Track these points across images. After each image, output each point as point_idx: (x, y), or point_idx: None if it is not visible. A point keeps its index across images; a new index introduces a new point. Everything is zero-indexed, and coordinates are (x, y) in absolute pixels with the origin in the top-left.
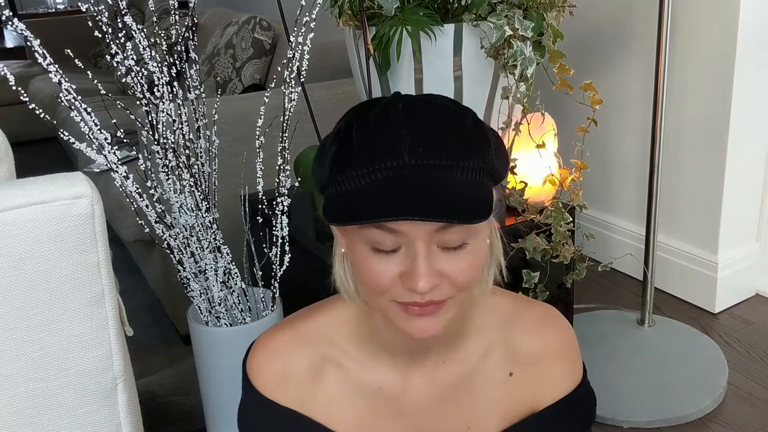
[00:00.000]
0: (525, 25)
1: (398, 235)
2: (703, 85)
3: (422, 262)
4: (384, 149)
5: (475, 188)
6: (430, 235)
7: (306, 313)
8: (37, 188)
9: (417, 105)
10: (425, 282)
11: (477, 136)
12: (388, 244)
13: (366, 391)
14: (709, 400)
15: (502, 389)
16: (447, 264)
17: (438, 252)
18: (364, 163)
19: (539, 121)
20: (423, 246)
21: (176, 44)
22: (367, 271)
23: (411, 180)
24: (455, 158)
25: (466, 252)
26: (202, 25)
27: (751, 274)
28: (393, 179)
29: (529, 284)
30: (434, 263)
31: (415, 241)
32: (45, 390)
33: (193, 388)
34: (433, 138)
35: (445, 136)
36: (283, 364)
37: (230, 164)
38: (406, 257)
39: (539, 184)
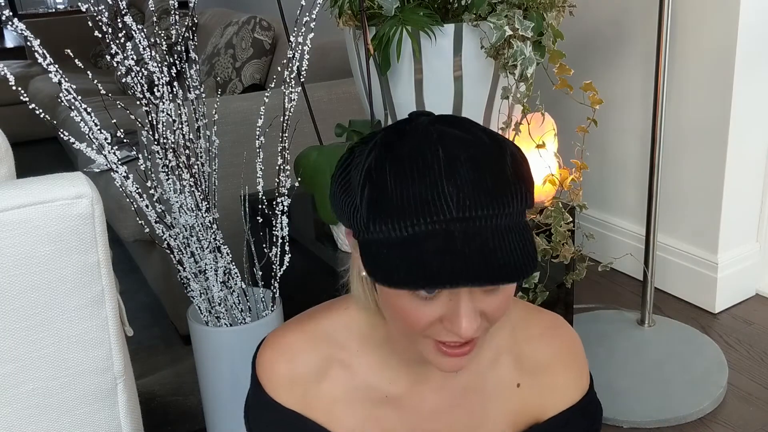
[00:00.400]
0: (525, 25)
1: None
2: (703, 85)
3: (467, 309)
4: (427, 201)
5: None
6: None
7: (317, 312)
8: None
9: (455, 147)
10: (469, 327)
11: (516, 176)
12: (430, 293)
13: (372, 395)
14: (709, 400)
15: (510, 398)
16: (487, 304)
17: (480, 293)
18: (408, 215)
19: (539, 121)
20: (467, 293)
21: (176, 44)
22: (404, 312)
23: (459, 241)
24: (499, 206)
25: (504, 292)
26: (202, 25)
27: (751, 274)
28: (440, 235)
29: (529, 284)
30: (476, 305)
31: (459, 292)
32: (45, 390)
33: (193, 388)
34: (475, 187)
35: (487, 184)
36: (290, 365)
37: (230, 164)
38: (448, 301)
39: (539, 184)
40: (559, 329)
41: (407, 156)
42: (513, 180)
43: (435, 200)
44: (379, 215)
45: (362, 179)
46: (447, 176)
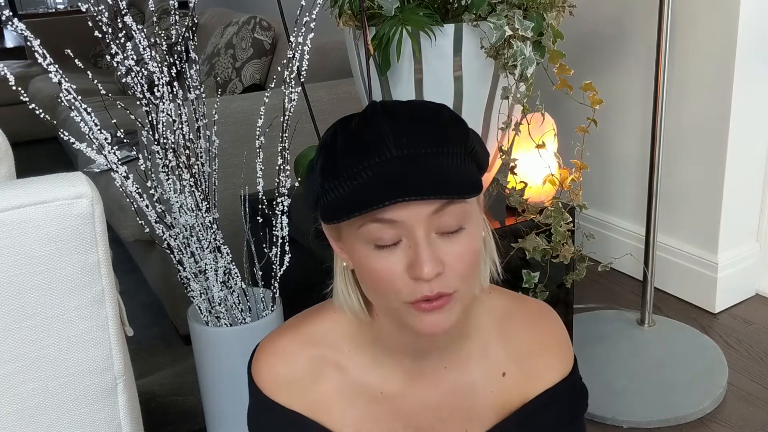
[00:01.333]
0: (525, 25)
1: (397, 226)
2: (704, 84)
3: (424, 249)
4: (370, 148)
5: (461, 169)
6: (427, 221)
7: (308, 315)
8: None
9: (394, 105)
10: (430, 267)
11: (454, 126)
12: (388, 237)
13: (367, 393)
14: (709, 400)
15: (497, 388)
16: (447, 250)
17: (437, 239)
18: (353, 164)
19: (539, 121)
20: (422, 233)
21: (176, 44)
22: (373, 271)
23: (401, 168)
24: (438, 145)
25: (463, 237)
26: (202, 25)
27: (751, 274)
28: (383, 172)
29: (529, 284)
30: (435, 250)
31: (414, 230)
32: (45, 390)
33: (193, 388)
34: (414, 131)
35: (425, 128)
36: (286, 367)
37: (230, 164)
38: (408, 249)
39: (539, 184)
40: (542, 315)
41: (354, 122)
42: (450, 127)
43: (376, 143)
44: (329, 174)
45: (318, 155)
46: (386, 122)
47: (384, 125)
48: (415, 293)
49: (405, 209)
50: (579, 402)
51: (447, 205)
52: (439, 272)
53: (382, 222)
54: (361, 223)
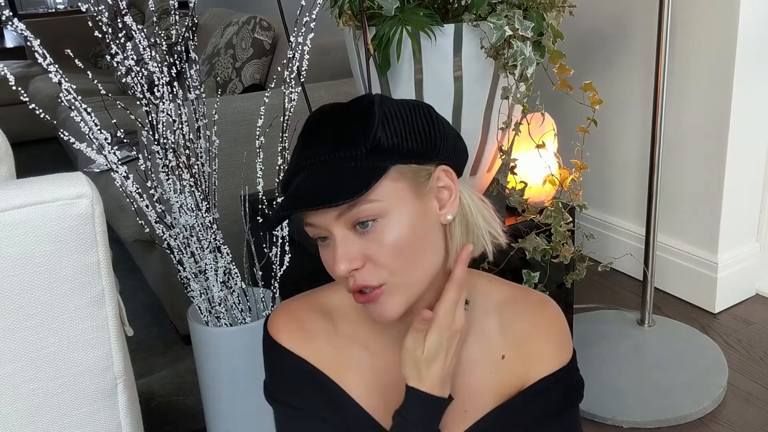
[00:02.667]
0: (525, 25)
1: (317, 227)
2: (703, 84)
3: (336, 246)
4: (294, 156)
5: (354, 173)
6: (338, 221)
7: (319, 289)
8: (37, 188)
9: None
10: (341, 265)
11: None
12: (321, 234)
13: (373, 363)
14: (709, 400)
15: (496, 372)
16: (364, 246)
17: (354, 236)
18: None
19: (539, 121)
20: (336, 232)
21: (176, 44)
22: (323, 262)
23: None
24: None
25: (379, 231)
26: (202, 25)
27: (751, 274)
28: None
29: (529, 284)
30: (350, 247)
31: (330, 230)
32: (45, 390)
33: (193, 388)
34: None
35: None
36: (300, 325)
37: (230, 164)
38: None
39: (539, 184)
40: (543, 305)
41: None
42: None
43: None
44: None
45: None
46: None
47: (301, 135)
48: (344, 283)
49: (314, 215)
50: (576, 391)
51: (348, 209)
52: (355, 268)
53: (308, 225)
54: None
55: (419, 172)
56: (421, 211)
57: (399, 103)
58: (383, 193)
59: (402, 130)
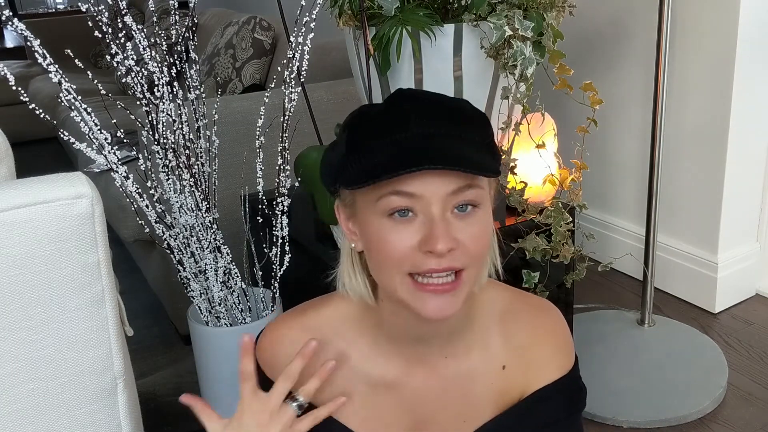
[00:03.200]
0: (525, 25)
1: (415, 200)
2: (704, 84)
3: (439, 225)
4: (393, 124)
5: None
6: (445, 198)
7: (312, 304)
8: (37, 188)
9: (418, 91)
10: (444, 242)
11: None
12: (400, 205)
13: (368, 380)
14: (709, 400)
15: (497, 381)
16: (461, 229)
17: (452, 219)
18: (378, 137)
19: (539, 121)
20: (438, 209)
21: (176, 44)
22: (386, 242)
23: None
24: (458, 129)
25: (477, 219)
26: (202, 25)
27: (751, 274)
28: (406, 146)
29: (529, 284)
30: (449, 227)
31: (430, 205)
32: (45, 390)
33: (193, 388)
34: (436, 112)
35: (446, 113)
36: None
37: (230, 164)
38: (422, 225)
39: (539, 184)
40: (544, 311)
41: (376, 108)
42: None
43: (398, 119)
44: (354, 147)
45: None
46: (408, 102)
47: (407, 105)
48: (424, 264)
49: (426, 184)
50: (578, 399)
51: (465, 188)
52: (452, 248)
53: (402, 195)
54: (380, 195)
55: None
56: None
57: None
58: (486, 185)
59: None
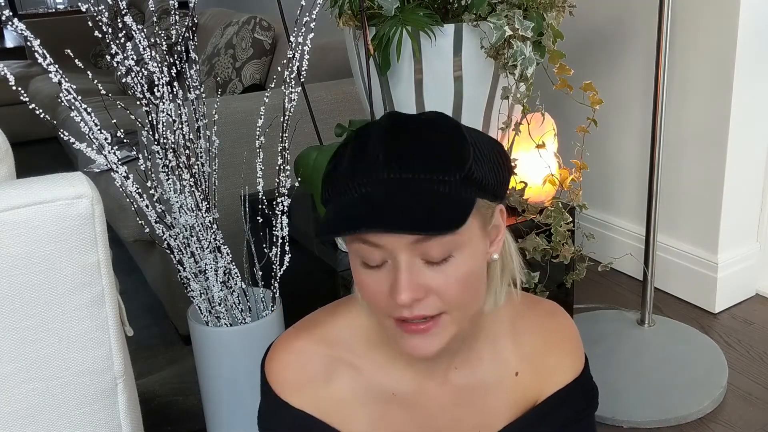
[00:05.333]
0: (525, 25)
1: (381, 249)
2: (704, 84)
3: (403, 275)
4: (363, 166)
5: (449, 200)
6: (410, 247)
7: (322, 315)
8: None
9: (401, 120)
10: (406, 295)
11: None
12: (374, 258)
13: (380, 394)
14: (709, 400)
15: (510, 388)
16: (432, 278)
17: (422, 265)
18: (347, 179)
19: (539, 121)
20: (404, 258)
21: (176, 44)
22: (361, 284)
23: (386, 193)
24: (430, 171)
25: (450, 266)
26: (202, 25)
27: (751, 274)
28: (370, 195)
29: (529, 284)
30: (417, 276)
31: (396, 254)
32: (45, 390)
33: (193, 388)
34: (410, 152)
35: (422, 149)
36: (299, 368)
37: (230, 164)
38: (390, 271)
39: (539, 184)
40: (555, 316)
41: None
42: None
43: (370, 161)
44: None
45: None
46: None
47: (381, 143)
48: (396, 312)
49: (387, 236)
50: (590, 401)
51: (426, 239)
52: (417, 298)
53: (367, 243)
54: (351, 240)
55: (488, 209)
56: (483, 248)
57: (476, 134)
58: (464, 227)
59: (485, 163)
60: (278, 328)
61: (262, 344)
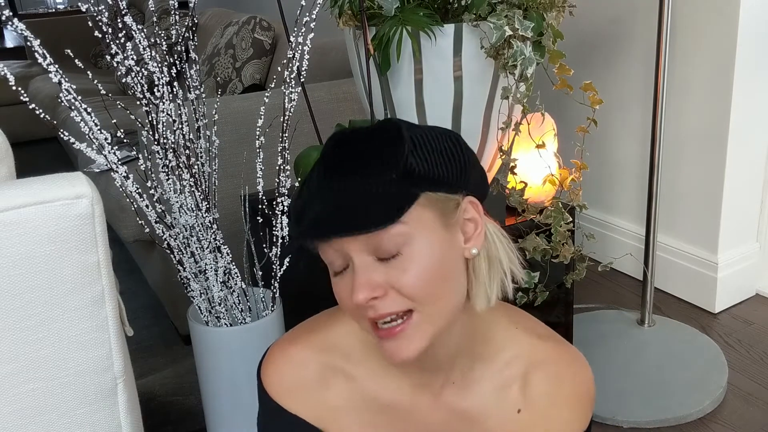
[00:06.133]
0: (525, 25)
1: (339, 253)
2: (704, 84)
3: (357, 274)
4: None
5: (382, 198)
6: (360, 247)
7: (320, 321)
8: (37, 188)
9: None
10: (361, 293)
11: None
12: (337, 263)
13: (374, 404)
14: (709, 400)
15: (511, 422)
16: (387, 273)
17: (375, 263)
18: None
19: (539, 121)
20: (357, 258)
21: (176, 44)
22: (336, 293)
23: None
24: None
25: (405, 260)
26: (202, 25)
27: (751, 274)
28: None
29: (529, 284)
30: (371, 275)
31: (351, 255)
32: (45, 390)
33: (193, 388)
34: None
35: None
36: (295, 374)
37: (230, 164)
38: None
39: (539, 184)
40: (573, 367)
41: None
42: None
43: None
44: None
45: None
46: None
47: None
48: (363, 313)
49: (335, 242)
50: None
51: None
52: (375, 296)
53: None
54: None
55: (447, 201)
56: (447, 242)
57: (426, 129)
58: (412, 220)
59: (432, 156)
60: (278, 328)
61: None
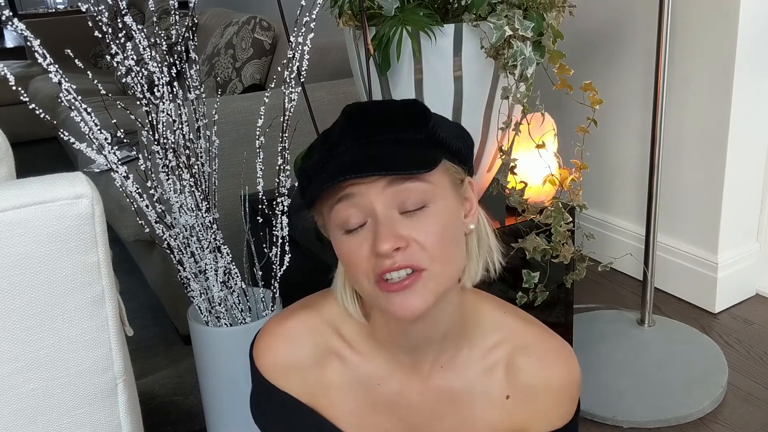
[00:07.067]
0: (525, 25)
1: (358, 205)
2: (704, 84)
3: (382, 225)
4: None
5: (415, 149)
6: (384, 197)
7: (314, 301)
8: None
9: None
10: (386, 242)
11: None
12: (353, 218)
13: (365, 384)
14: (709, 400)
15: (497, 410)
16: (410, 227)
17: (399, 217)
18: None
19: (539, 121)
20: (381, 209)
21: (176, 44)
22: (346, 254)
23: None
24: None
25: (427, 215)
26: (202, 25)
27: (751, 274)
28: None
29: (529, 284)
30: (396, 226)
31: (373, 206)
32: (45, 390)
33: (193, 388)
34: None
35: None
36: (287, 352)
37: (230, 164)
38: (370, 230)
39: (539, 184)
40: (560, 356)
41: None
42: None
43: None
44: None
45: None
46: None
47: (345, 122)
48: (380, 266)
49: (359, 185)
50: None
51: (399, 181)
52: (399, 247)
53: (343, 200)
54: (331, 207)
55: (458, 175)
56: (457, 209)
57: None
58: (436, 180)
59: (451, 130)
60: None
61: None
